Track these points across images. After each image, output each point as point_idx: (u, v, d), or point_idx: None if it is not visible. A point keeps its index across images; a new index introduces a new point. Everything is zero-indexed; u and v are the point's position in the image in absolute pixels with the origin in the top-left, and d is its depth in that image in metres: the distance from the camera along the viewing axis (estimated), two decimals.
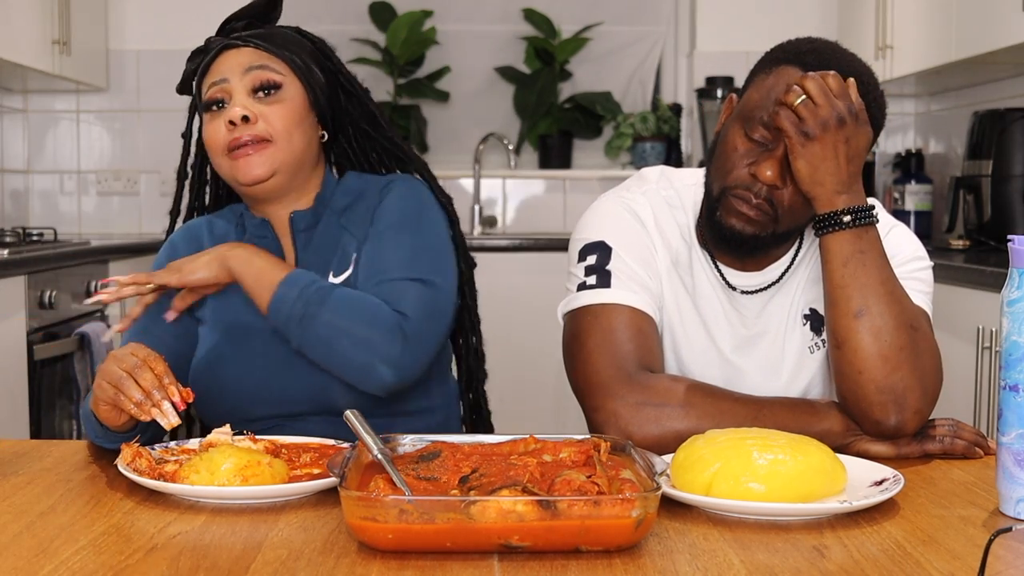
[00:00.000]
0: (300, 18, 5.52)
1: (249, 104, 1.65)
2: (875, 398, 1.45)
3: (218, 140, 1.65)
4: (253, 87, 1.66)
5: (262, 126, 1.64)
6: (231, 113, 1.63)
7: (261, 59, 1.68)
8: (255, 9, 1.73)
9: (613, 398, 1.50)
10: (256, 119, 1.64)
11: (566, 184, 4.84)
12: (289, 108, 1.67)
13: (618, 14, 4.95)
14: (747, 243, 1.56)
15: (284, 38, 1.72)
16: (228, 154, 1.65)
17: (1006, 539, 0.94)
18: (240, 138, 1.63)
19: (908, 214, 4.26)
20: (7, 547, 1.12)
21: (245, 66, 1.67)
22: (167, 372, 1.40)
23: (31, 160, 4.78)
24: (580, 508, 1.08)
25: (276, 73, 1.67)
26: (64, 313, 3.41)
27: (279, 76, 1.67)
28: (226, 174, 1.68)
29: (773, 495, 1.21)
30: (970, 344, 2.85)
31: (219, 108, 1.67)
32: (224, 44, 1.70)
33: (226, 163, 1.66)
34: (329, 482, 1.28)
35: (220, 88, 1.67)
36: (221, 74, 1.67)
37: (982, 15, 3.36)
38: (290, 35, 1.74)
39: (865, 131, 1.48)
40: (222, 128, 1.65)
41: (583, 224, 1.68)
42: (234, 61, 1.68)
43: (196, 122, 1.80)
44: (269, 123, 1.65)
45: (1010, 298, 1.20)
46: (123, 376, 1.39)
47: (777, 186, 1.51)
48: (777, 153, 1.51)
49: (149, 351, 1.43)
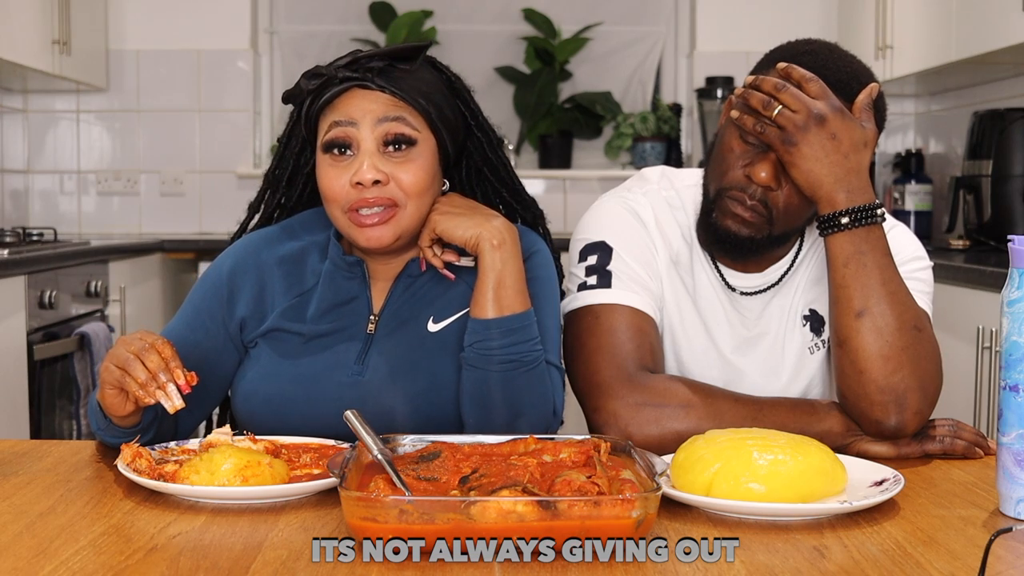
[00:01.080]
0: (300, 18, 5.53)
1: (379, 162, 1.51)
2: (876, 398, 1.46)
3: (339, 193, 1.52)
4: (385, 140, 1.52)
5: (393, 189, 1.52)
6: (360, 175, 1.50)
7: (396, 109, 1.53)
8: (398, 53, 1.55)
9: (613, 398, 1.50)
10: (387, 180, 1.51)
11: (566, 184, 4.85)
12: (421, 168, 1.53)
13: (618, 14, 4.96)
14: (743, 245, 1.56)
15: (420, 80, 1.56)
16: (348, 212, 1.52)
17: (1006, 539, 0.94)
18: (368, 200, 1.51)
19: (908, 214, 4.26)
20: (7, 547, 1.12)
21: (379, 115, 1.52)
22: (174, 356, 1.38)
23: (31, 160, 4.79)
24: (580, 508, 1.08)
25: (411, 128, 1.53)
26: (64, 313, 3.41)
27: (414, 132, 1.53)
28: (342, 229, 1.56)
29: (773, 495, 1.21)
30: (970, 344, 2.85)
31: (341, 153, 1.53)
32: (357, 82, 1.53)
33: (344, 220, 1.53)
34: (329, 482, 1.28)
35: (346, 132, 1.52)
36: (350, 116, 1.52)
37: (982, 15, 3.36)
38: (425, 76, 1.58)
39: (854, 125, 1.47)
40: (344, 183, 1.51)
41: (584, 224, 1.68)
42: (367, 105, 1.52)
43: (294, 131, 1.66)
44: (400, 185, 1.52)
45: (1010, 298, 1.21)
46: (130, 358, 1.36)
47: (772, 187, 1.51)
48: (771, 154, 1.51)
49: (157, 336, 1.40)
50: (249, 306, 1.60)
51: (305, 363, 1.56)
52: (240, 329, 1.61)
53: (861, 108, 1.50)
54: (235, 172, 4.73)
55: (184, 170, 4.77)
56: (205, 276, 1.65)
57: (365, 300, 1.60)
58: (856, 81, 1.52)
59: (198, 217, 4.74)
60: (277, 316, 1.59)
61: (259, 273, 1.62)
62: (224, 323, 1.60)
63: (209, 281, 1.63)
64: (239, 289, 1.61)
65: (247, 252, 1.64)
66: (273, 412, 1.55)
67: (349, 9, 4.91)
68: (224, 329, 1.60)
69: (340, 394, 1.53)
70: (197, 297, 1.63)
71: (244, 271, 1.62)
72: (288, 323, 1.59)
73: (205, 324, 1.60)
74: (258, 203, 1.72)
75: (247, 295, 1.61)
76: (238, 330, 1.61)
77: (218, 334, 1.60)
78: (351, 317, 1.59)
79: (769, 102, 1.47)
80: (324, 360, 1.55)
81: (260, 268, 1.62)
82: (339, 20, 4.92)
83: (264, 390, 1.56)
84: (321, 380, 1.55)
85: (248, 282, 1.61)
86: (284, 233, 1.66)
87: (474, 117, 1.63)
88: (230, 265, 1.63)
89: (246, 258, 1.63)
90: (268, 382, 1.56)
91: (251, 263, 1.63)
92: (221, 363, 1.60)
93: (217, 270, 1.64)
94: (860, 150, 1.48)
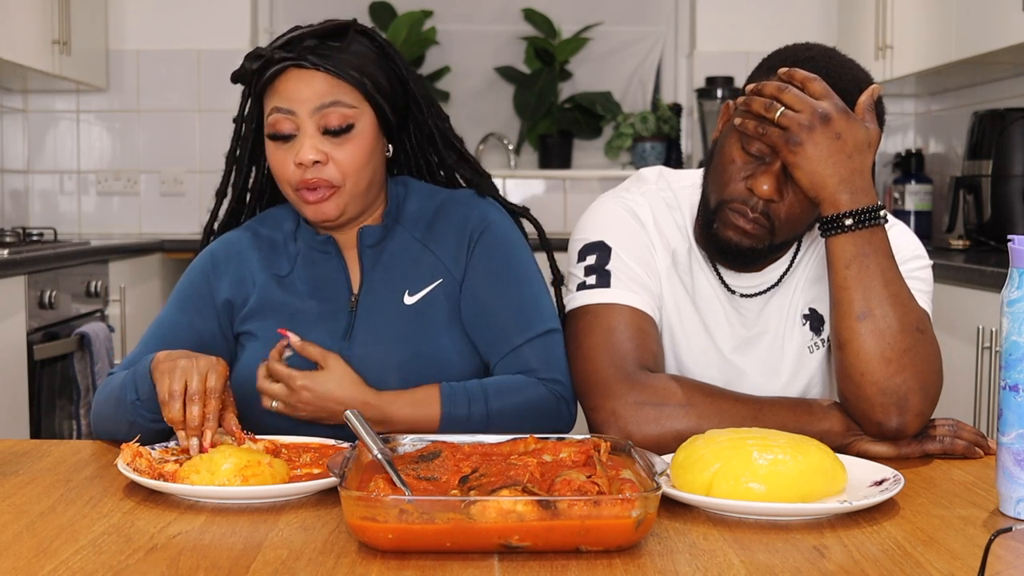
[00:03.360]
0: (300, 18, 5.53)
1: (319, 143, 1.57)
2: (877, 400, 1.45)
3: (285, 173, 1.59)
4: (325, 127, 1.57)
5: (332, 171, 1.58)
6: (301, 155, 1.56)
7: (333, 91, 1.57)
8: (328, 31, 1.61)
9: (613, 398, 1.50)
10: (327, 160, 1.57)
11: (566, 184, 4.85)
12: (360, 145, 1.59)
13: (618, 14, 4.96)
14: (744, 255, 1.56)
15: (353, 55, 1.60)
16: (296, 191, 1.59)
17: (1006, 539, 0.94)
18: (309, 181, 1.57)
19: (908, 214, 4.26)
20: (7, 547, 1.12)
21: (316, 102, 1.57)
22: (214, 415, 1.40)
23: (31, 160, 4.79)
24: (580, 508, 1.08)
25: (348, 107, 1.58)
26: (64, 313, 3.41)
27: (351, 111, 1.58)
28: (294, 204, 1.63)
29: (773, 495, 1.21)
30: (970, 344, 2.85)
31: (284, 141, 1.59)
32: (292, 62, 1.58)
33: (294, 196, 1.61)
34: (329, 482, 1.28)
35: (287, 119, 1.58)
36: (289, 102, 1.57)
37: (982, 15, 3.36)
38: (359, 49, 1.61)
39: (858, 125, 1.47)
40: (290, 164, 1.58)
41: (583, 224, 1.68)
42: (305, 91, 1.57)
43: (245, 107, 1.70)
44: (340, 166, 1.58)
45: (1010, 298, 1.20)
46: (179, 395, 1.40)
47: (774, 200, 1.51)
48: (774, 167, 1.50)
49: (217, 381, 1.41)
50: (232, 287, 1.67)
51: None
52: (229, 313, 1.67)
53: (864, 109, 1.49)
54: None
55: (184, 170, 4.78)
56: (189, 269, 1.72)
57: (343, 279, 1.66)
58: (856, 85, 1.52)
59: (198, 217, 4.73)
60: (259, 294, 1.65)
61: (239, 259, 1.69)
62: (213, 304, 1.67)
63: (194, 270, 1.72)
64: (221, 274, 1.68)
65: (224, 243, 1.72)
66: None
67: (349, 9, 4.91)
68: (214, 309, 1.66)
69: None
70: (184, 285, 1.70)
71: (225, 257, 1.69)
72: (271, 300, 1.65)
73: (196, 305, 1.67)
74: (224, 187, 1.76)
75: (228, 278, 1.68)
76: (227, 314, 1.67)
77: (210, 315, 1.66)
78: (332, 297, 1.65)
79: (771, 104, 1.46)
80: (311, 340, 1.57)
81: (240, 255, 1.69)
82: None
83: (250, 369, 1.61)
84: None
85: (229, 267, 1.68)
86: (251, 232, 1.72)
87: (404, 84, 1.67)
88: (209, 254, 1.71)
89: (224, 247, 1.71)
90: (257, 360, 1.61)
91: (231, 251, 1.70)
92: (216, 345, 1.65)
93: (199, 260, 1.73)
94: (864, 151, 1.47)
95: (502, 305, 1.62)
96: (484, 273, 1.64)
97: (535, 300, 1.63)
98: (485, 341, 1.62)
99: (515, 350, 1.59)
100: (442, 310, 1.63)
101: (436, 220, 1.68)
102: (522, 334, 1.60)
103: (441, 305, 1.63)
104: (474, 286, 1.63)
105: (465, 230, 1.66)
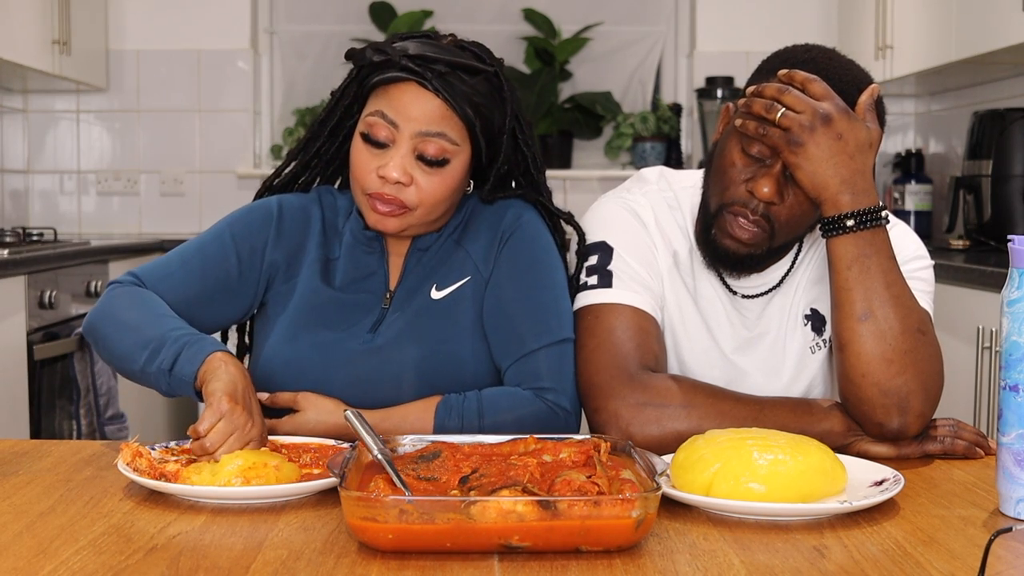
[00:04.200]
0: (300, 18, 5.51)
1: (409, 165, 1.55)
2: (878, 401, 1.45)
3: (364, 178, 1.57)
4: (421, 153, 1.55)
5: (412, 194, 1.56)
6: (387, 170, 1.54)
7: (442, 122, 1.55)
8: (462, 67, 1.57)
9: (614, 398, 1.50)
10: (410, 183, 1.55)
11: (566, 184, 4.84)
12: (447, 181, 1.57)
13: (618, 14, 4.95)
14: (742, 262, 1.56)
15: (475, 91, 1.58)
16: (367, 195, 1.57)
17: (1006, 539, 0.94)
18: (385, 195, 1.56)
19: (908, 214, 4.26)
20: (7, 547, 1.12)
21: (422, 126, 1.54)
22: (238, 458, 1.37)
23: (31, 160, 4.79)
24: (580, 508, 1.08)
25: (451, 143, 1.56)
26: (64, 313, 3.41)
27: (452, 147, 1.56)
28: (359, 203, 1.61)
29: (773, 495, 1.21)
30: (970, 344, 2.85)
31: (376, 147, 1.56)
32: (415, 76, 1.54)
33: (363, 199, 1.59)
34: (329, 482, 1.28)
35: (387, 128, 1.55)
36: (396, 114, 1.55)
37: (982, 15, 3.36)
38: (484, 87, 1.60)
39: (860, 125, 1.47)
40: (373, 170, 1.56)
41: (584, 225, 1.68)
42: (415, 110, 1.55)
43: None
44: (421, 193, 1.56)
45: (1010, 298, 1.20)
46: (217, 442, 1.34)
47: (774, 202, 1.51)
48: (774, 169, 1.50)
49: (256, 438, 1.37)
50: (287, 252, 1.66)
51: (324, 330, 1.61)
52: (270, 273, 1.65)
53: (864, 109, 1.49)
54: (235, 172, 4.72)
55: (184, 170, 4.77)
56: (251, 209, 1.68)
57: (383, 275, 1.66)
58: (856, 86, 1.51)
59: (198, 217, 4.74)
60: (307, 275, 1.64)
61: (304, 226, 1.67)
62: (263, 255, 1.65)
63: (258, 211, 1.67)
64: (284, 231, 1.66)
65: (294, 204, 1.68)
66: (291, 374, 1.60)
67: (349, 9, 4.91)
68: (261, 260, 1.65)
69: (352, 359, 1.59)
70: (243, 221, 1.67)
71: (291, 218, 1.67)
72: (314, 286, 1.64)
73: (251, 245, 1.64)
74: (298, 150, 1.73)
75: (286, 241, 1.66)
76: (267, 273, 1.65)
77: (254, 263, 1.64)
78: (369, 291, 1.65)
79: (772, 106, 1.46)
80: (342, 328, 1.60)
81: (307, 222, 1.67)
82: (339, 20, 4.92)
83: (284, 353, 1.61)
84: (336, 347, 1.60)
85: (295, 229, 1.66)
86: (318, 205, 1.70)
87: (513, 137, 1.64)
88: (278, 205, 1.68)
89: (293, 209, 1.68)
90: (289, 345, 1.61)
91: (297, 216, 1.67)
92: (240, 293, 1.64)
93: (265, 205, 1.68)
94: (865, 151, 1.47)
95: (522, 306, 1.60)
96: (509, 273, 1.62)
97: (556, 306, 1.60)
98: (500, 341, 1.60)
99: (529, 354, 1.56)
100: (467, 309, 1.61)
101: (472, 217, 1.68)
102: (538, 339, 1.57)
103: (467, 304, 1.62)
104: (498, 285, 1.62)
105: (498, 229, 1.65)
